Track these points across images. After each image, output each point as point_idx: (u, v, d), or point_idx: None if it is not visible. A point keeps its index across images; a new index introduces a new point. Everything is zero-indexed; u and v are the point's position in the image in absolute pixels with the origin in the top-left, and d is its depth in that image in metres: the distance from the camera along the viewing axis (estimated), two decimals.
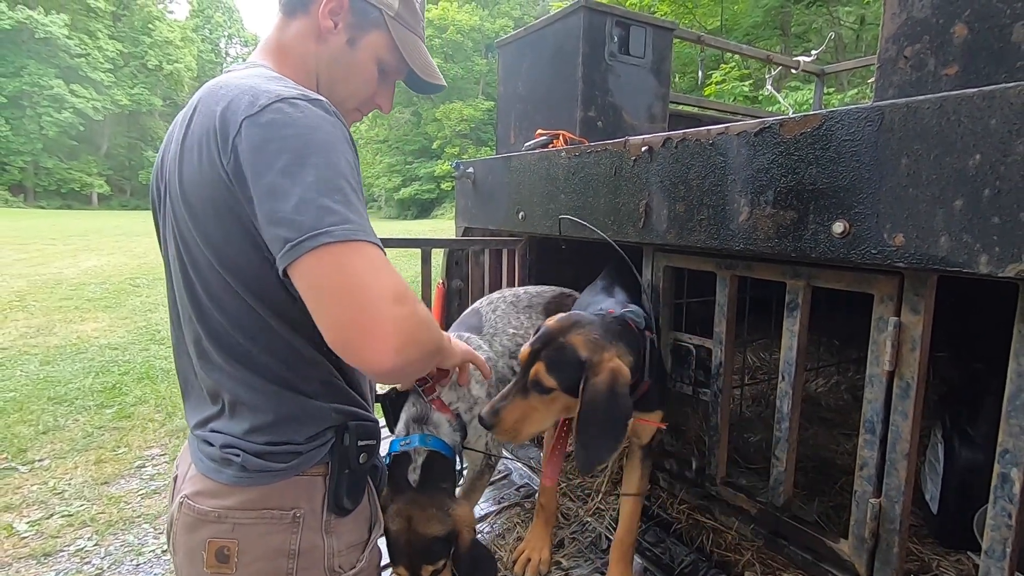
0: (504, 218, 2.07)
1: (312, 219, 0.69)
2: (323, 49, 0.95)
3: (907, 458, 1.06)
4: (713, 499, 1.48)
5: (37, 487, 3.21)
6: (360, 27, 0.95)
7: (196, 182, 0.79)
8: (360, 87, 1.00)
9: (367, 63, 0.98)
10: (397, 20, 0.98)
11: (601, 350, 1.05)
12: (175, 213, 0.84)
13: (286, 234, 0.69)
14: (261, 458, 0.82)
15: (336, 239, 0.69)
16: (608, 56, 2.12)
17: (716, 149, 1.25)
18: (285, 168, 0.71)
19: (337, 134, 0.78)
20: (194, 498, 0.84)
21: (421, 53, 1.03)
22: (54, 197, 34.12)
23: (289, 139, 0.72)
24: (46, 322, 6.56)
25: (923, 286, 1.01)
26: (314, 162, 0.72)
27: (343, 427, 0.88)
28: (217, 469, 0.83)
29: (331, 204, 0.70)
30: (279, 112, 0.74)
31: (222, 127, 0.76)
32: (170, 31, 39.71)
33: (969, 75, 1.02)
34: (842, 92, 9.68)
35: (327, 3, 0.92)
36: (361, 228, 0.71)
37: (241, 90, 0.78)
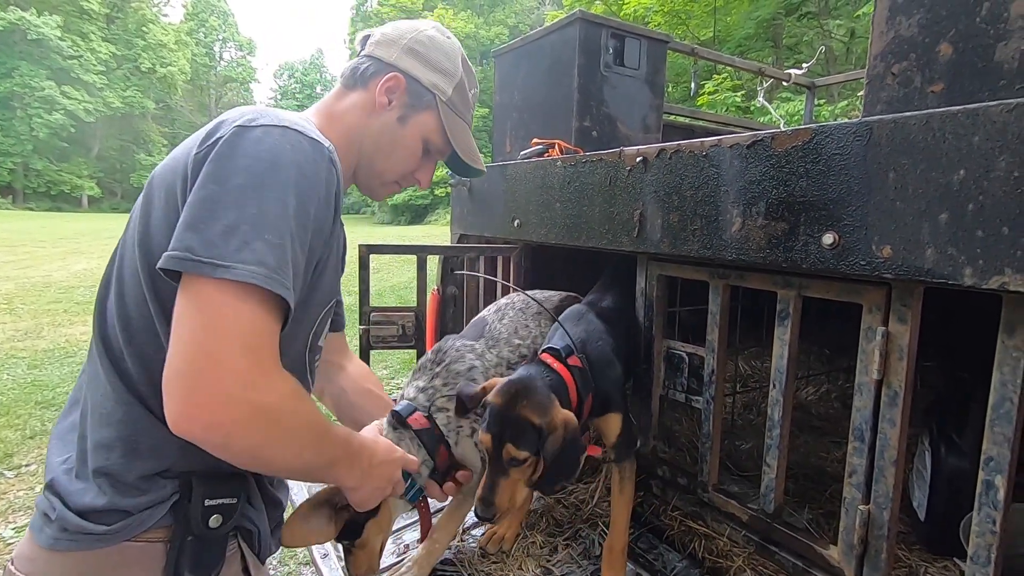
0: (499, 226, 2.08)
1: (227, 249, 0.64)
2: (373, 122, 0.99)
3: (895, 465, 1.08)
4: (705, 505, 1.49)
5: (24, 492, 3.18)
6: (412, 107, 1.01)
7: (164, 166, 0.80)
8: (402, 162, 1.05)
9: (413, 141, 1.03)
10: (448, 105, 1.04)
11: (548, 410, 1.17)
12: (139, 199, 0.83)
13: (194, 245, 0.64)
14: (81, 516, 0.70)
15: (235, 277, 0.63)
16: (603, 67, 2.15)
17: (709, 161, 1.27)
18: (241, 189, 0.67)
19: (319, 181, 0.74)
20: (16, 562, 0.74)
21: (466, 138, 1.09)
22: (43, 199, 33.83)
23: (264, 165, 0.69)
24: (34, 325, 6.50)
25: (910, 297, 1.03)
26: (272, 198, 0.68)
27: (187, 482, 0.74)
28: (39, 527, 0.72)
29: (256, 242, 0.65)
30: (269, 134, 0.71)
31: (215, 126, 0.76)
32: (164, 34, 39.62)
33: (954, 93, 1.05)
34: (833, 104, 9.81)
35: (385, 81, 0.98)
36: (270, 276, 0.65)
37: (254, 108, 0.78)
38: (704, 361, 1.45)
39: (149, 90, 39.12)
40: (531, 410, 1.15)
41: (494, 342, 1.56)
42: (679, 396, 1.56)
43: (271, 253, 0.66)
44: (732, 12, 12.92)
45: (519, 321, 1.64)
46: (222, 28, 51.91)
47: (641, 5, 12.55)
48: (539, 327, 1.68)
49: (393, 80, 0.98)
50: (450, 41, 1.07)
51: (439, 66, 1.03)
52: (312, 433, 0.73)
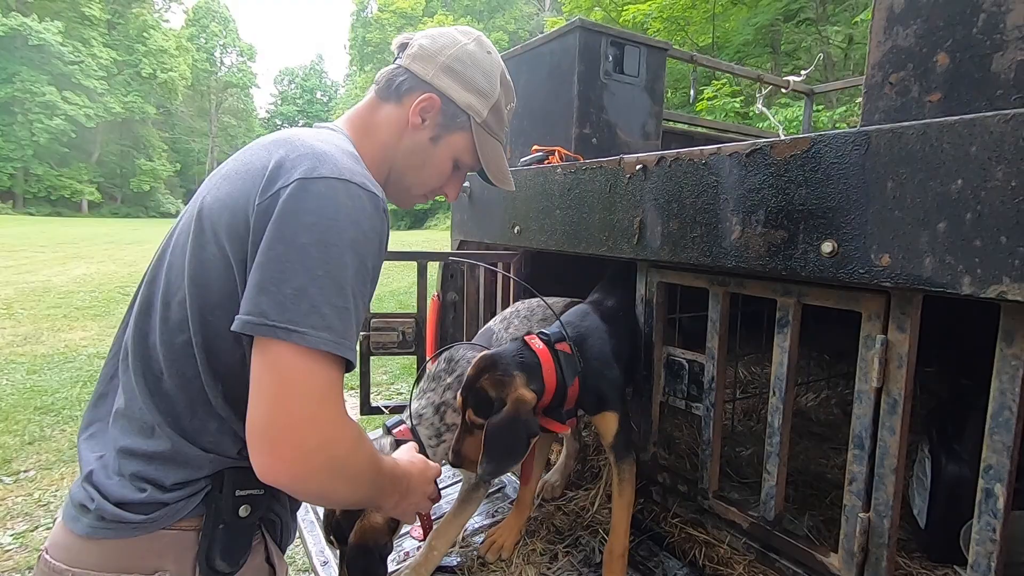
0: (500, 232, 2.09)
1: (298, 313, 0.68)
2: (405, 140, 0.99)
3: (895, 473, 1.08)
4: (705, 512, 1.49)
5: (22, 499, 3.17)
6: (446, 127, 1.00)
7: (221, 202, 0.78)
8: (431, 179, 1.05)
9: (444, 160, 1.03)
10: (483, 127, 1.03)
11: (504, 386, 1.27)
12: (184, 219, 0.84)
13: (268, 309, 0.68)
14: (119, 507, 0.73)
15: (307, 344, 0.68)
16: (603, 75, 2.16)
17: (709, 169, 1.28)
18: (306, 249, 0.70)
19: (375, 235, 0.78)
20: (52, 550, 0.77)
21: (498, 159, 1.09)
22: (43, 204, 33.84)
23: (327, 223, 0.72)
24: (34, 330, 6.49)
25: (909, 305, 1.04)
26: (336, 258, 0.72)
27: (220, 473, 0.79)
28: (75, 517, 0.75)
29: (324, 307, 0.70)
30: (333, 189, 0.74)
31: (274, 170, 0.76)
32: (165, 40, 39.74)
33: (951, 102, 1.06)
34: (831, 109, 9.85)
35: (420, 102, 0.96)
36: (338, 342, 0.71)
37: (311, 150, 0.78)
38: (704, 368, 1.46)
39: (150, 95, 39.19)
40: (490, 383, 1.28)
41: None
42: (679, 403, 1.56)
43: (338, 318, 0.71)
44: (730, 18, 13.00)
45: (524, 329, 1.67)
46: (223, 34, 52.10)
47: (640, 11, 12.63)
48: None
49: (428, 100, 0.97)
50: (490, 57, 1.04)
51: (476, 86, 1.01)
52: (371, 471, 0.82)
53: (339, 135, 0.92)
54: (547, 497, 1.79)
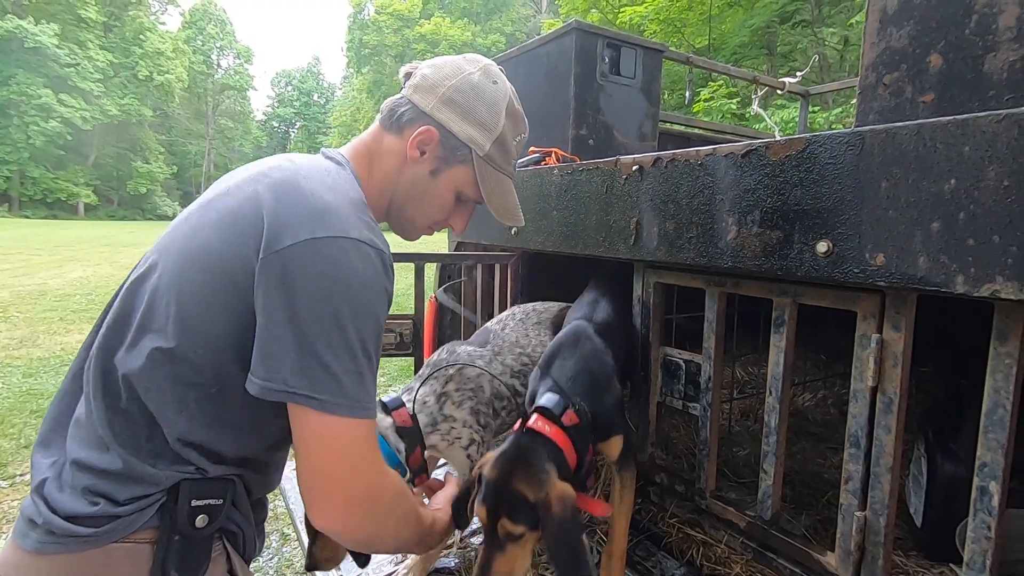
0: (497, 233, 2.09)
1: (317, 381, 0.71)
2: (406, 172, 0.97)
3: (891, 472, 1.08)
4: (703, 512, 1.50)
5: (17, 503, 3.15)
6: (446, 160, 0.97)
7: (215, 248, 0.76)
8: (433, 212, 1.02)
9: (445, 193, 1.00)
10: (486, 160, 0.99)
11: (544, 484, 1.11)
12: (171, 247, 0.81)
13: (288, 377, 0.71)
14: (69, 520, 0.70)
15: (328, 411, 0.72)
16: (599, 76, 2.17)
17: (705, 169, 1.29)
18: (320, 316, 0.71)
19: (382, 291, 0.79)
20: (1, 568, 0.75)
21: (502, 192, 1.04)
22: (40, 207, 33.72)
23: (342, 289, 0.73)
24: (30, 333, 6.47)
25: (904, 304, 1.04)
26: (350, 325, 0.73)
27: (176, 485, 0.76)
28: (24, 532, 0.73)
29: (341, 375, 0.72)
30: (344, 252, 0.74)
31: (274, 223, 0.74)
32: (161, 42, 39.68)
33: (944, 103, 1.07)
34: (827, 111, 9.89)
35: (418, 135, 0.94)
36: (353, 406, 0.73)
37: (315, 203, 0.76)
38: (701, 368, 1.46)
39: (146, 98, 39.11)
40: (526, 485, 1.10)
41: (499, 350, 1.63)
42: (676, 403, 1.56)
43: (353, 383, 0.73)
44: (727, 20, 13.04)
45: (519, 331, 1.70)
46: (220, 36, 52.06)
47: (637, 13, 12.66)
48: (539, 336, 1.71)
49: (426, 133, 0.94)
50: (495, 87, 1.00)
51: (478, 119, 0.97)
52: (411, 519, 0.89)
53: (345, 173, 0.90)
54: None
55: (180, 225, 0.84)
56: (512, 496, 1.10)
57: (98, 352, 0.79)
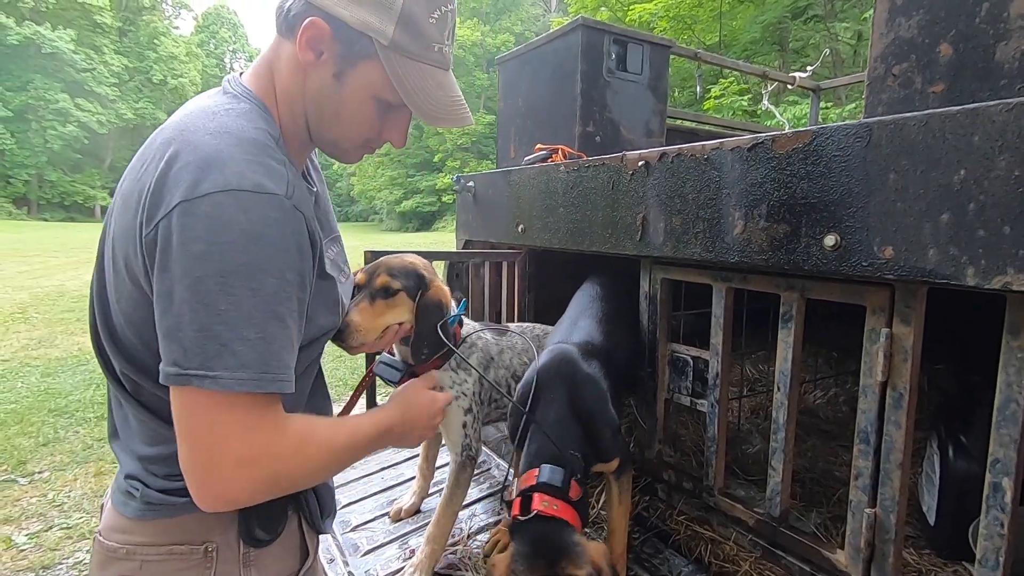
0: (504, 231, 2.09)
1: (207, 356, 0.64)
2: (309, 83, 0.80)
3: (901, 468, 1.07)
4: (711, 510, 1.49)
5: (36, 499, 3.21)
6: (346, 58, 0.78)
7: (119, 237, 0.72)
8: (356, 127, 0.84)
9: (361, 101, 0.81)
10: (393, 50, 0.78)
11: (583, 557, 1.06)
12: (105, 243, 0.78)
13: (178, 357, 0.65)
14: (162, 492, 0.76)
15: (222, 388, 0.65)
16: (606, 73, 2.17)
17: (711, 164, 1.28)
18: (202, 283, 0.64)
19: (286, 240, 0.69)
20: (105, 533, 0.80)
21: (427, 87, 0.81)
22: (57, 210, 34.31)
23: (221, 249, 0.64)
24: (48, 334, 6.58)
25: (913, 298, 1.03)
26: (239, 287, 0.65)
27: None
28: (123, 502, 0.78)
29: (235, 343, 0.65)
30: (220, 207, 0.64)
31: (156, 192, 0.66)
32: (175, 46, 40.19)
33: (955, 93, 1.05)
34: (840, 106, 9.77)
35: (304, 31, 0.75)
36: (256, 378, 0.66)
37: (196, 154, 0.67)
38: (708, 364, 1.45)
39: (160, 101, 39.61)
40: (574, 567, 1.06)
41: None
42: (684, 400, 1.56)
43: (254, 351, 0.66)
44: (737, 17, 12.92)
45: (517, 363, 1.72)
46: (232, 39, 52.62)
47: (646, 11, 12.59)
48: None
49: (312, 28, 0.75)
50: None
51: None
52: (329, 460, 0.79)
53: (242, 106, 0.77)
54: None
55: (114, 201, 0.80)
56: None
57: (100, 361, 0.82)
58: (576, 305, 1.73)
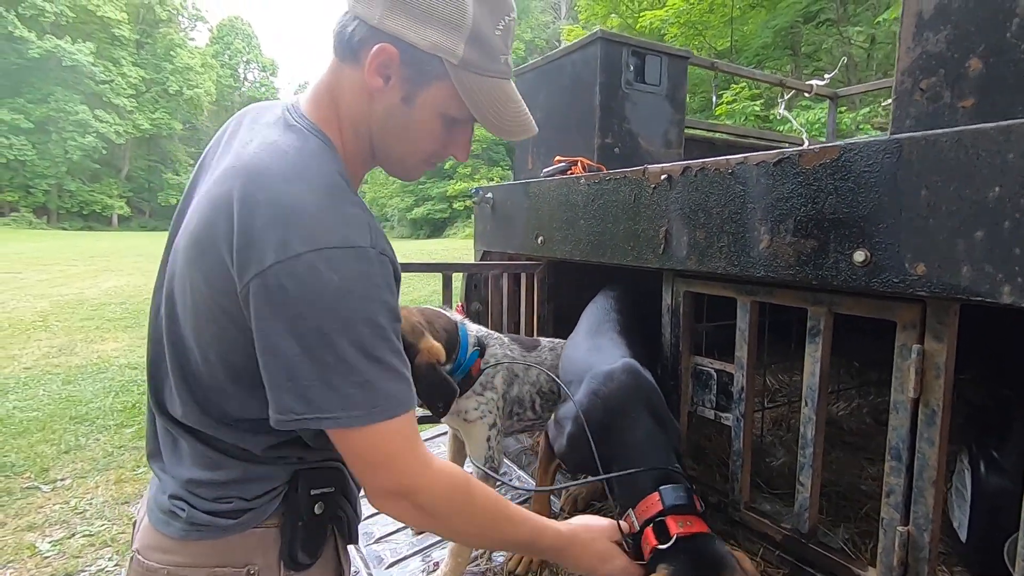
0: (523, 242, 2.10)
1: (324, 401, 0.69)
2: (376, 107, 0.80)
3: (935, 486, 1.05)
4: (737, 524, 1.47)
5: (59, 506, 3.25)
6: (416, 81, 0.78)
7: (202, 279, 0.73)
8: (422, 144, 0.85)
9: (429, 120, 0.82)
10: (463, 68, 0.78)
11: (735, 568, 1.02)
12: (177, 263, 0.78)
13: (294, 405, 0.69)
14: (209, 514, 0.78)
15: (343, 426, 0.70)
16: (624, 84, 2.17)
17: (735, 178, 1.28)
18: (306, 340, 0.67)
19: (376, 289, 0.71)
20: (144, 552, 0.80)
21: (496, 101, 0.82)
22: (76, 219, 34.94)
23: (320, 309, 0.67)
24: (68, 342, 6.69)
25: (946, 314, 1.02)
26: (340, 340, 0.68)
27: (295, 475, 0.82)
28: (166, 521, 0.78)
29: (345, 387, 0.69)
30: (312, 270, 0.67)
31: (243, 247, 0.68)
32: (191, 57, 40.88)
33: (985, 108, 1.04)
34: (854, 111, 9.70)
35: (373, 59, 0.75)
36: (369, 413, 0.70)
37: (276, 207, 0.68)
38: (733, 378, 1.45)
39: (176, 112, 40.30)
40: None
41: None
42: (708, 413, 1.55)
43: (363, 391, 0.70)
44: (749, 22, 12.90)
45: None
46: (246, 50, 53.44)
47: (657, 17, 12.61)
48: None
49: (381, 54, 0.75)
50: None
51: (436, 15, 0.74)
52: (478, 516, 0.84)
53: (310, 144, 0.77)
54: (570, 510, 1.78)
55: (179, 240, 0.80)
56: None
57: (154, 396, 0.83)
58: (600, 318, 1.73)
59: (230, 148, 0.82)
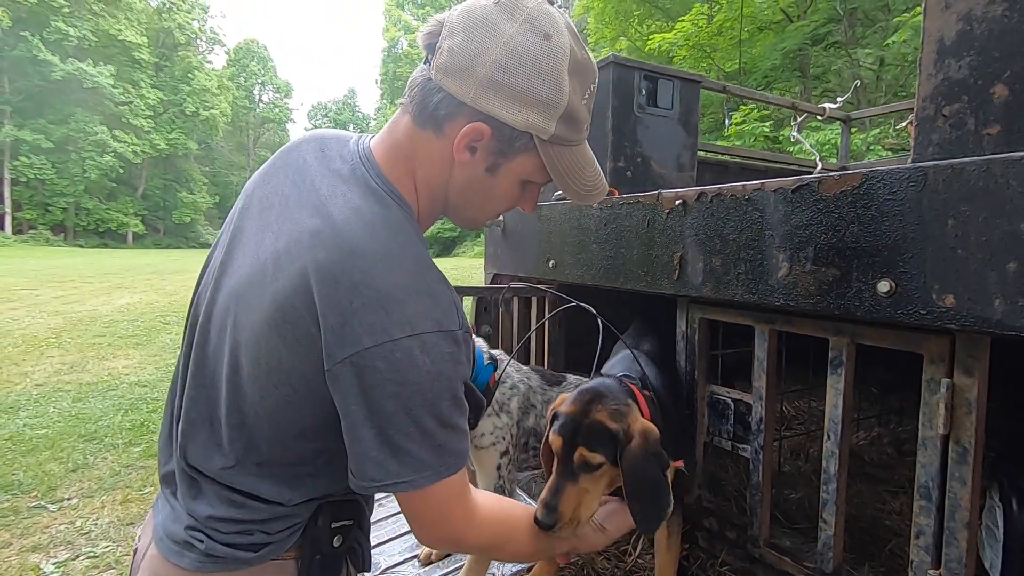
0: (534, 266, 2.08)
1: (403, 467, 0.72)
2: (456, 176, 0.81)
3: (968, 528, 1.01)
4: (756, 561, 1.42)
5: (65, 527, 3.23)
6: (503, 154, 0.79)
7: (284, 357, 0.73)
8: (496, 207, 0.87)
9: (509, 187, 0.83)
10: (552, 143, 0.79)
11: (624, 416, 1.12)
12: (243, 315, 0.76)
13: (375, 474, 0.72)
14: (228, 546, 0.77)
15: (415, 488, 0.73)
16: (637, 108, 2.17)
17: (752, 204, 1.25)
18: (395, 416, 0.71)
19: (459, 363, 0.76)
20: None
21: (577, 169, 0.83)
22: (92, 236, 35.50)
23: (412, 389, 0.71)
24: (80, 359, 6.73)
25: (977, 348, 0.98)
26: (421, 414, 0.72)
27: (317, 508, 0.83)
28: (179, 552, 0.77)
29: (423, 454, 0.73)
30: (407, 353, 0.69)
31: (340, 328, 0.69)
32: (207, 79, 41.82)
33: (1012, 135, 1.01)
34: (865, 132, 9.68)
35: (463, 136, 0.75)
36: (438, 472, 0.74)
37: (374, 284, 0.70)
38: (751, 408, 1.40)
39: (192, 132, 41.09)
40: (607, 415, 1.12)
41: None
42: (725, 444, 1.50)
43: (438, 456, 0.74)
44: (757, 44, 12.99)
45: None
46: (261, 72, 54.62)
47: (666, 40, 12.74)
48: None
49: (474, 132, 0.75)
50: (548, 45, 0.74)
51: (534, 97, 0.74)
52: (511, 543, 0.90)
53: (392, 214, 0.77)
54: None
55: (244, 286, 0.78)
56: (591, 426, 1.11)
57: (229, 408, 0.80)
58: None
59: (302, 193, 0.79)
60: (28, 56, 29.85)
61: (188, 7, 41.39)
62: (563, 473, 1.10)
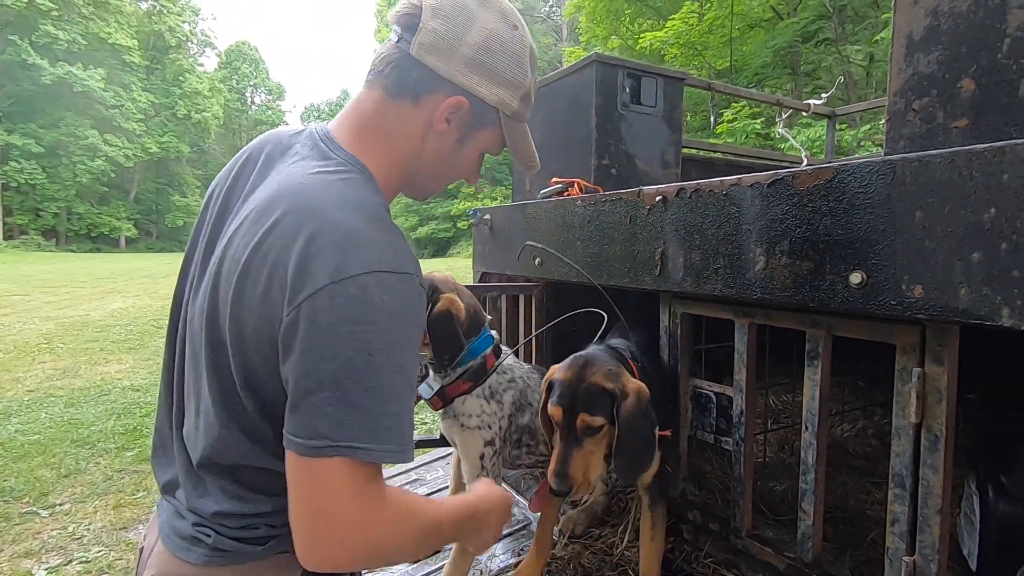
0: (521, 263, 2.09)
1: (360, 430, 0.67)
2: (428, 145, 0.87)
3: (940, 514, 1.02)
4: (739, 553, 1.44)
5: (57, 532, 3.22)
6: (473, 127, 0.88)
7: (254, 310, 0.72)
8: (455, 176, 0.95)
9: (472, 158, 0.93)
10: (512, 117, 0.90)
11: (619, 377, 1.20)
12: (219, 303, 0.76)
13: (327, 431, 0.66)
14: (236, 540, 0.77)
15: (371, 459, 0.68)
16: (620, 106, 2.19)
17: (730, 200, 1.27)
18: (352, 362, 0.67)
19: (417, 317, 0.74)
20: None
21: (525, 143, 0.96)
22: (84, 241, 35.31)
23: (368, 329, 0.67)
24: (72, 364, 6.70)
25: (946, 337, 1.00)
26: (384, 364, 0.68)
27: None
28: (186, 548, 0.77)
29: (384, 418, 0.68)
30: (365, 289, 0.68)
31: (298, 275, 0.68)
32: (199, 82, 41.63)
33: (980, 128, 1.03)
34: (855, 128, 9.74)
35: (446, 106, 0.83)
36: (398, 450, 0.69)
37: (336, 229, 0.70)
38: (732, 401, 1.42)
39: (184, 135, 40.90)
40: (602, 377, 1.19)
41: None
42: (708, 437, 1.52)
43: (399, 425, 0.69)
44: (748, 42, 13.04)
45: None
46: (253, 75, 54.43)
47: (657, 38, 12.78)
48: None
49: (456, 104, 0.83)
50: (517, 34, 0.86)
51: (507, 77, 0.85)
52: (420, 538, 0.79)
53: (354, 176, 0.79)
54: (568, 533, 1.74)
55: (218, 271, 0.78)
56: (589, 390, 1.18)
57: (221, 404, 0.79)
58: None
59: (265, 176, 0.82)
60: (17, 60, 29.65)
61: (179, 10, 41.20)
62: (567, 440, 1.17)
